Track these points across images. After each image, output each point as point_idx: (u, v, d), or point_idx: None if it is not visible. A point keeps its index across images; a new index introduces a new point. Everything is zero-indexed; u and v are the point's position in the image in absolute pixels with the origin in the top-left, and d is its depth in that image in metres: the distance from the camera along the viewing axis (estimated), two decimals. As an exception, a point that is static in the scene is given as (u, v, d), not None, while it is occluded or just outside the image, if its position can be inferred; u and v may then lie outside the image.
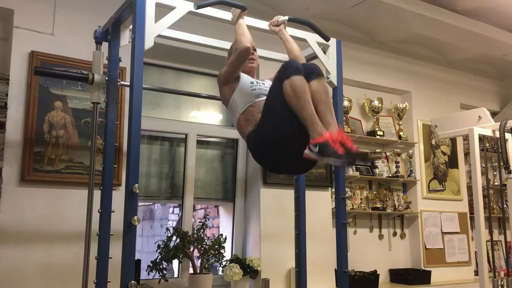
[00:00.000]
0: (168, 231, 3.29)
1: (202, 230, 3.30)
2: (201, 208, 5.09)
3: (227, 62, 2.46)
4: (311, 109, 2.01)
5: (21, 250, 2.71)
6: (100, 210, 2.26)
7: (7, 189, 2.71)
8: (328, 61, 2.65)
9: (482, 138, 3.95)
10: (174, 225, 5.31)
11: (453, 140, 4.93)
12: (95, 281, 2.18)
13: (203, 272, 3.26)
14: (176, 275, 3.93)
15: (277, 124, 2.11)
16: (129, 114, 1.96)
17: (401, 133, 4.66)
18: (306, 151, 1.97)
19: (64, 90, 2.95)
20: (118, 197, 2.19)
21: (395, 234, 4.58)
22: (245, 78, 2.38)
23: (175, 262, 3.64)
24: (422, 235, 4.55)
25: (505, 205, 4.18)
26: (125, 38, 2.37)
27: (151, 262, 3.17)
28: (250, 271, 3.42)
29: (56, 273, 2.77)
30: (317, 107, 2.05)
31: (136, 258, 2.29)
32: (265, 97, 2.29)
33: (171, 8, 2.18)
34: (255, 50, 2.53)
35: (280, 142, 2.12)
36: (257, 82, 2.38)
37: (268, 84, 2.42)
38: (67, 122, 2.93)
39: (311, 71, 2.11)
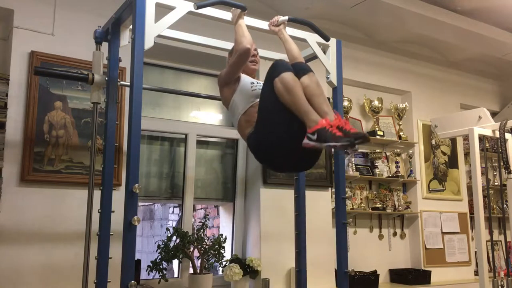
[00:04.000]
0: (168, 231, 3.29)
1: (202, 230, 3.30)
2: (201, 208, 5.09)
3: (228, 63, 2.46)
4: (304, 101, 2.01)
5: (21, 250, 2.71)
6: (100, 210, 2.26)
7: (7, 189, 2.71)
8: (328, 61, 2.65)
9: (482, 138, 3.95)
10: (174, 225, 5.32)
11: (453, 140, 4.93)
12: (95, 281, 2.18)
13: (203, 272, 3.26)
14: (176, 275, 3.93)
15: (273, 123, 2.11)
16: (129, 114, 1.96)
17: (401, 133, 4.66)
18: (305, 140, 1.97)
19: (64, 90, 2.95)
20: (118, 197, 2.19)
21: (395, 234, 4.58)
22: (245, 79, 2.38)
23: (175, 262, 3.65)
24: (422, 235, 4.55)
25: (505, 205, 4.18)
26: (125, 38, 2.37)
27: (151, 262, 3.17)
28: (250, 271, 3.42)
29: (56, 273, 2.77)
30: (311, 101, 2.04)
31: (136, 258, 2.29)
32: None
33: (171, 8, 2.18)
34: (257, 52, 2.53)
35: (278, 141, 2.11)
36: (257, 83, 2.38)
37: None
38: (67, 122, 2.93)
39: (300, 68, 2.14)
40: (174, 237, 3.26)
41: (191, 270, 3.30)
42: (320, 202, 3.85)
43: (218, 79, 2.43)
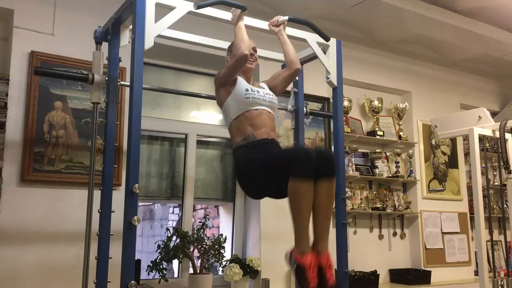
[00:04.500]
0: (168, 231, 3.29)
1: (202, 230, 3.30)
2: (201, 208, 5.09)
3: (226, 62, 2.46)
4: (305, 223, 1.98)
5: (21, 250, 2.71)
6: (100, 210, 2.26)
7: (7, 189, 2.71)
8: (328, 61, 2.65)
9: (482, 138, 3.95)
10: (174, 225, 5.32)
11: (453, 140, 4.93)
12: (95, 281, 2.18)
13: (203, 272, 3.26)
14: (176, 275, 3.93)
15: (267, 176, 2.14)
16: (129, 114, 1.96)
17: (401, 133, 4.66)
18: (287, 255, 2.04)
19: (64, 90, 2.95)
20: (118, 197, 2.19)
21: (395, 234, 4.58)
22: (241, 84, 2.37)
23: (175, 262, 3.64)
24: (422, 235, 4.55)
25: (505, 205, 4.18)
26: (125, 38, 2.37)
27: (151, 262, 3.17)
28: (250, 271, 3.42)
29: (56, 273, 2.77)
30: (315, 215, 2.01)
31: (136, 258, 2.29)
32: (258, 107, 2.33)
33: (171, 8, 2.18)
34: (255, 50, 2.53)
35: (267, 181, 2.16)
36: (252, 90, 2.37)
37: (263, 92, 2.42)
38: (67, 122, 2.93)
39: (325, 169, 2.00)
40: (174, 237, 3.26)
41: (191, 270, 3.30)
42: (320, 202, 3.84)
43: (215, 79, 2.43)
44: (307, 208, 1.97)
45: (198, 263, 3.31)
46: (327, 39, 2.64)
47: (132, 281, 1.84)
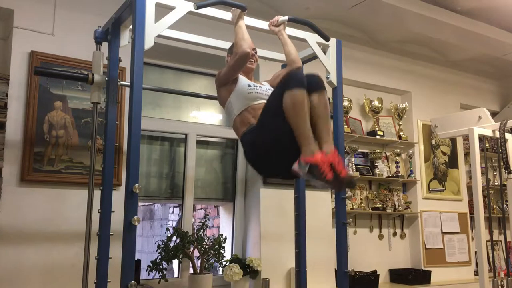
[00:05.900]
0: (168, 231, 3.29)
1: (202, 230, 3.30)
2: (201, 208, 5.09)
3: (226, 63, 2.47)
4: (307, 126, 2.02)
5: (21, 250, 2.71)
6: (100, 210, 2.26)
7: (7, 189, 2.71)
8: (328, 61, 2.65)
9: (482, 138, 3.95)
10: (174, 225, 5.32)
11: (453, 140, 4.93)
12: (95, 281, 2.18)
13: (203, 272, 3.26)
14: (176, 275, 3.93)
15: (272, 129, 2.13)
16: (129, 114, 1.96)
17: (401, 133, 4.66)
18: (295, 166, 2.02)
19: (64, 90, 2.95)
20: (118, 197, 2.19)
21: (395, 234, 4.58)
22: (242, 81, 2.39)
23: (175, 262, 3.65)
24: (422, 235, 4.55)
25: (505, 205, 4.18)
26: (125, 38, 2.37)
27: (151, 262, 3.17)
28: (250, 271, 3.42)
29: (56, 273, 2.77)
30: (314, 122, 2.07)
31: (136, 258, 2.29)
32: (261, 101, 2.33)
33: (171, 8, 2.18)
34: (255, 51, 2.53)
35: (274, 147, 2.13)
36: (254, 85, 2.39)
37: (265, 87, 2.43)
38: (67, 122, 2.93)
39: (314, 84, 2.10)
40: (174, 237, 3.26)
41: (191, 270, 3.31)
42: (320, 202, 3.84)
43: (215, 79, 2.44)
44: (304, 112, 2.03)
45: (198, 263, 3.31)
46: (327, 39, 2.64)
47: (132, 281, 1.84)
